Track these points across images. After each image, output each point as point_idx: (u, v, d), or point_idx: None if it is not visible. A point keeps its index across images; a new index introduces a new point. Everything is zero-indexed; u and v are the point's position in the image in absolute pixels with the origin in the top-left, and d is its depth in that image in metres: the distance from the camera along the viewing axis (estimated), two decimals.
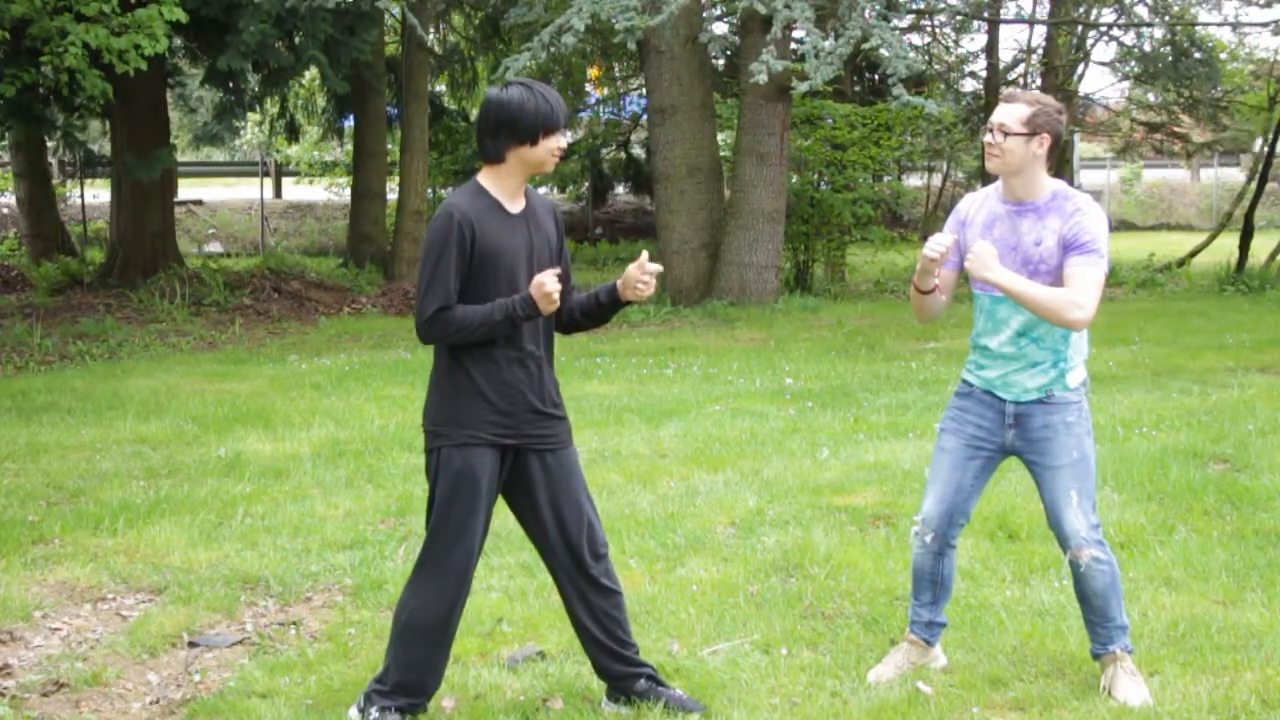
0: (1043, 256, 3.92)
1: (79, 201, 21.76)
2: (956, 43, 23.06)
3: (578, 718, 3.95)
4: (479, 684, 4.16)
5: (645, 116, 20.03)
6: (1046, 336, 3.96)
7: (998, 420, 4.05)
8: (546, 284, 3.67)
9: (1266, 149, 19.47)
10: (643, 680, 3.98)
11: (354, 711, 3.87)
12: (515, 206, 3.80)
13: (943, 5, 19.44)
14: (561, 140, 3.74)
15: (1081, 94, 22.68)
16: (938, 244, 3.96)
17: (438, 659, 3.86)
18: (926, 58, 20.49)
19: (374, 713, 3.80)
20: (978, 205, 4.11)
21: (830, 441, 7.51)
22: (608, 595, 3.94)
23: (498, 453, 3.79)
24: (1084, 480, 3.97)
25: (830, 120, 17.08)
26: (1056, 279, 3.90)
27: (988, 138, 3.95)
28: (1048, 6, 20.19)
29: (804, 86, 12.32)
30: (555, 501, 3.87)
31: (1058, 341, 3.97)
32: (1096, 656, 4.09)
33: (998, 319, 4.03)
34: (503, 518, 6.11)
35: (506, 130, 3.70)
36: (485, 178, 3.80)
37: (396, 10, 14.36)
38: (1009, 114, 3.92)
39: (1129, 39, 19.82)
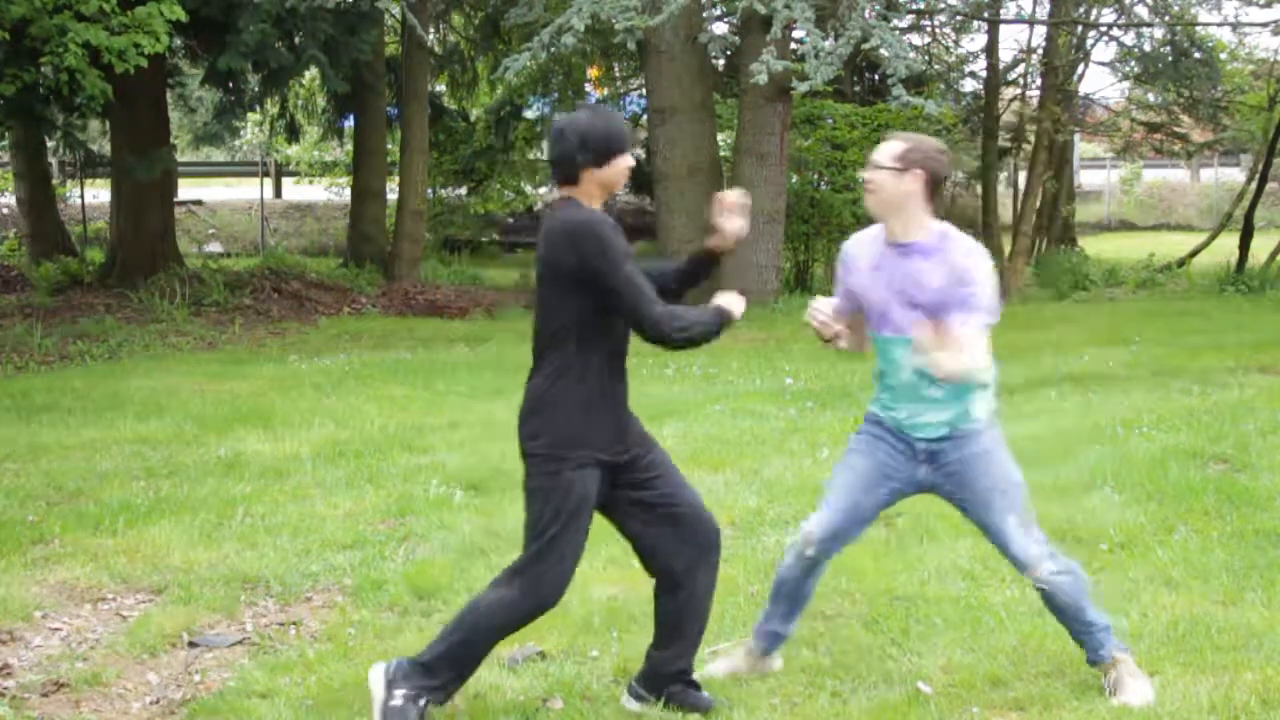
0: (934, 301, 3.85)
1: (79, 201, 21.76)
2: (956, 43, 23.04)
3: (578, 718, 3.95)
4: (479, 684, 4.16)
5: (645, 116, 20.03)
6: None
7: (909, 454, 4.00)
8: (736, 310, 3.80)
9: (1266, 149, 19.47)
10: (680, 685, 4.00)
11: (379, 675, 3.81)
12: None
13: (943, 5, 19.44)
14: (629, 160, 3.82)
15: (1081, 94, 22.66)
16: (817, 312, 4.01)
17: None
18: (926, 58, 20.47)
19: (406, 692, 3.76)
20: (863, 246, 4.08)
21: (830, 441, 7.50)
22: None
23: (607, 472, 3.85)
24: (1015, 503, 3.92)
25: (830, 120, 17.08)
26: (938, 318, 3.82)
27: (862, 174, 3.96)
28: (1048, 6, 20.16)
29: (804, 86, 12.31)
30: (671, 487, 3.92)
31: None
32: (1094, 664, 4.07)
33: (892, 359, 3.98)
34: (498, 517, 6.11)
35: (581, 153, 3.75)
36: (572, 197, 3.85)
37: (396, 10, 14.37)
38: (883, 150, 3.94)
39: (1129, 39, 19.80)
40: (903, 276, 3.91)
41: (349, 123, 20.95)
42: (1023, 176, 22.18)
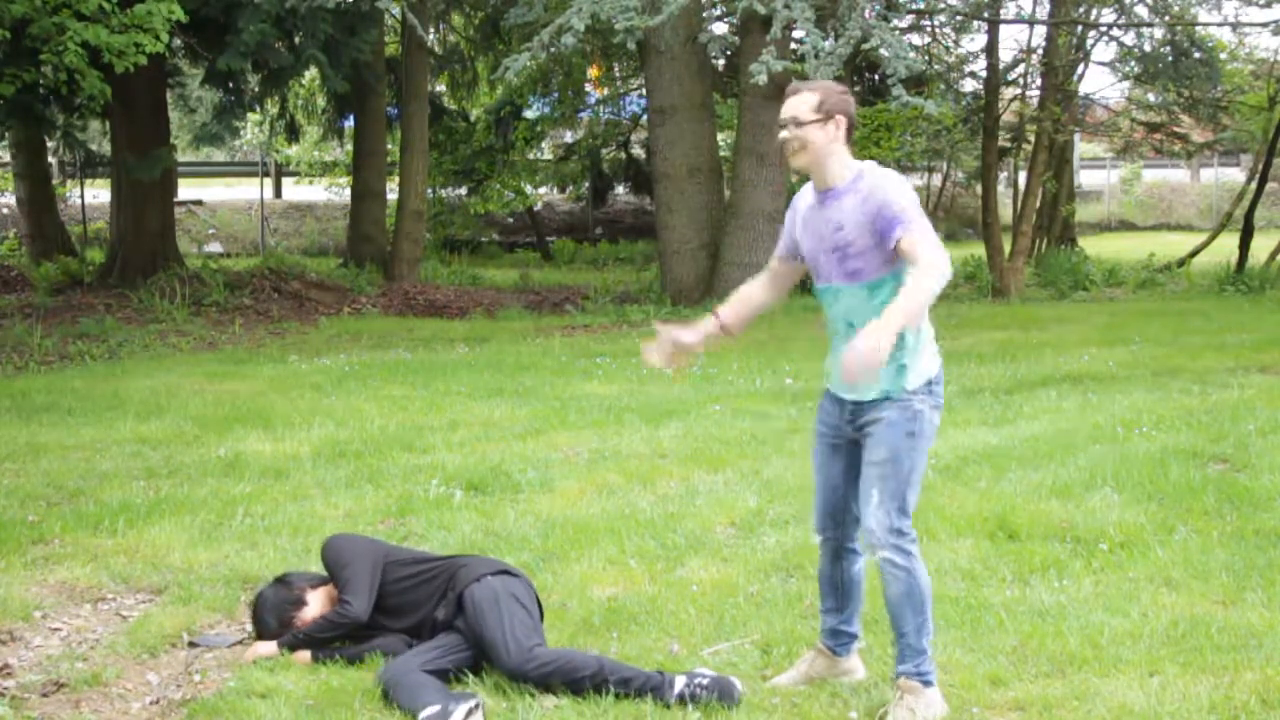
0: (848, 240, 3.80)
1: (79, 201, 21.77)
2: (956, 43, 23.03)
3: (576, 718, 3.94)
4: (478, 683, 4.16)
5: (645, 116, 20.03)
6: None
7: (841, 411, 3.98)
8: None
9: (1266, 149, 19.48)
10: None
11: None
12: None
13: (943, 5, 19.43)
14: None
15: (1081, 94, 22.65)
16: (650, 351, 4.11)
17: None
18: (926, 58, 20.46)
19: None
20: (803, 197, 4.02)
21: None
22: None
23: None
24: (887, 481, 3.80)
25: None
26: (867, 260, 3.78)
27: (783, 134, 3.83)
28: (1048, 6, 20.15)
29: None
30: None
31: None
32: (894, 679, 3.92)
33: (826, 306, 3.96)
34: (498, 517, 6.10)
35: None
36: None
37: (396, 10, 14.36)
38: (799, 104, 3.83)
39: (1129, 39, 19.79)
40: (824, 223, 3.87)
41: (349, 123, 20.96)
42: (1023, 176, 22.18)
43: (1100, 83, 29.25)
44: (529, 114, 24.39)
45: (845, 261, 3.83)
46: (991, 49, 19.17)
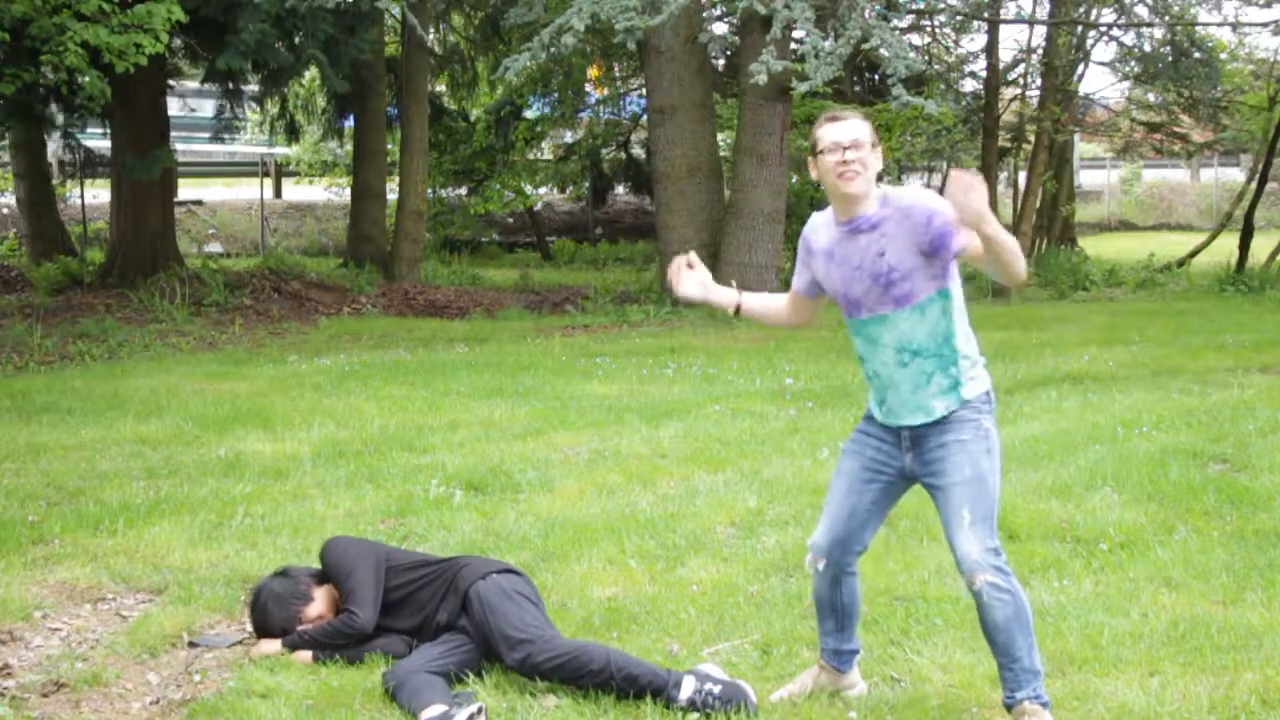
0: (892, 266, 3.68)
1: (79, 201, 21.77)
2: (956, 43, 23.06)
3: (577, 718, 3.95)
4: (478, 683, 4.16)
5: (645, 116, 20.03)
6: (928, 345, 3.72)
7: (896, 443, 3.83)
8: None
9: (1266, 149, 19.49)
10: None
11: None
12: None
13: (943, 5, 19.44)
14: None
15: (1081, 94, 22.66)
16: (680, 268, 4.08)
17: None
18: (926, 58, 20.48)
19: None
20: (819, 231, 3.92)
21: (830, 441, 7.51)
22: None
23: None
24: (978, 501, 3.64)
25: None
26: (914, 281, 3.67)
27: (843, 156, 3.68)
28: (1048, 6, 20.17)
29: (804, 86, 12.32)
30: None
31: (941, 346, 3.72)
32: (1008, 708, 3.73)
33: (871, 338, 3.81)
34: (498, 517, 6.10)
35: None
36: None
37: (396, 10, 14.37)
38: (860, 128, 3.72)
39: (1129, 39, 19.82)
40: (860, 252, 3.73)
41: (349, 123, 20.97)
42: (1023, 176, 22.19)
43: (1100, 83, 29.29)
44: (529, 114, 24.41)
45: (892, 288, 3.70)
46: (991, 49, 19.20)
